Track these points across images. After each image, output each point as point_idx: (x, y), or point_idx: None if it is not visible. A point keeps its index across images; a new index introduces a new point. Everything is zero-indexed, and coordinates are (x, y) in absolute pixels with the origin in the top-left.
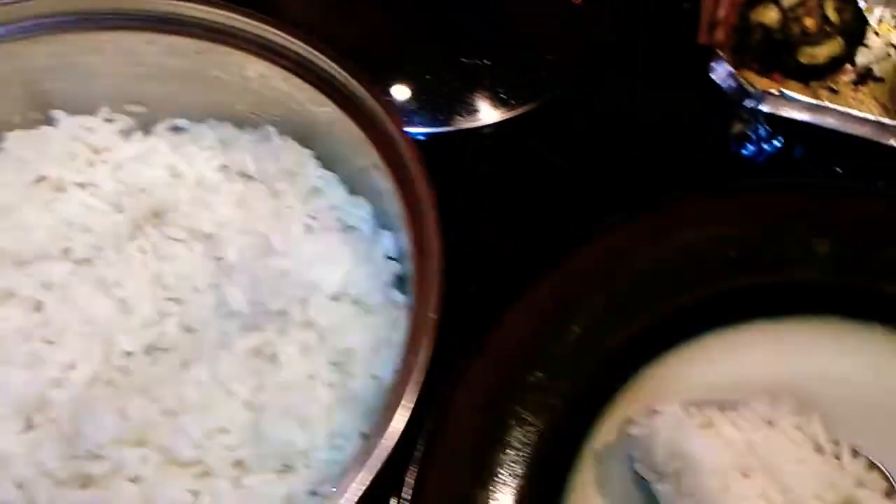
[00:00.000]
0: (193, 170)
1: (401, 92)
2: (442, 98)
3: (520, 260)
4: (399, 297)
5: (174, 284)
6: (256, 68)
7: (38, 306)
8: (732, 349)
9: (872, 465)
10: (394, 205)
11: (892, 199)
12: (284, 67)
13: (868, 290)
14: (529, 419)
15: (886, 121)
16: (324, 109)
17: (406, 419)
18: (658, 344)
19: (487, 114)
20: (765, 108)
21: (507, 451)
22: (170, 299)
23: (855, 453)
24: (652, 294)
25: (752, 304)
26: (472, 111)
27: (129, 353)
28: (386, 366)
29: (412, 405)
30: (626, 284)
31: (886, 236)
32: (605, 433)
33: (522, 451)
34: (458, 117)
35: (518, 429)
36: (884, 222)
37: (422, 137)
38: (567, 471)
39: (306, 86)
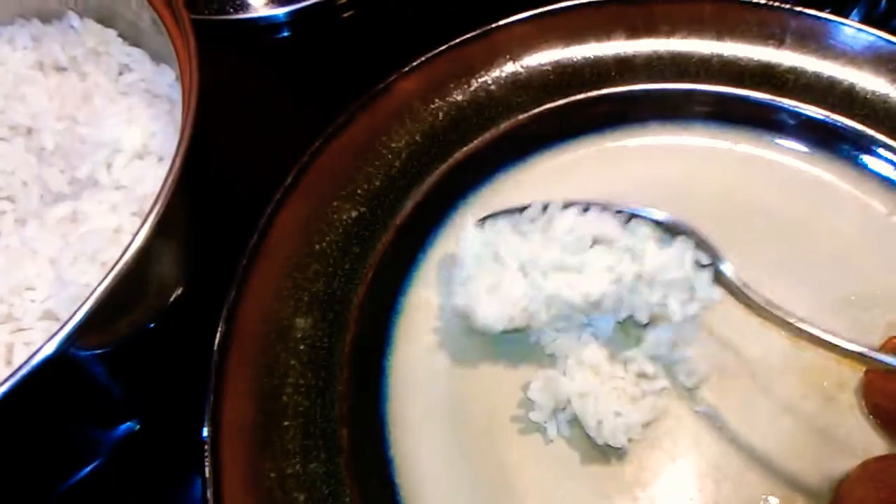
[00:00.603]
0: (9, 69)
1: None
2: None
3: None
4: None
5: (3, 184)
6: None
7: None
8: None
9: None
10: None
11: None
12: None
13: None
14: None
15: None
16: None
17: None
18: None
19: None
20: None
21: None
22: (2, 198)
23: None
24: (472, 123)
25: (574, 122)
26: None
27: None
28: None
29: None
30: (445, 116)
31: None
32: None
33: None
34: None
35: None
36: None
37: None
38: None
39: None
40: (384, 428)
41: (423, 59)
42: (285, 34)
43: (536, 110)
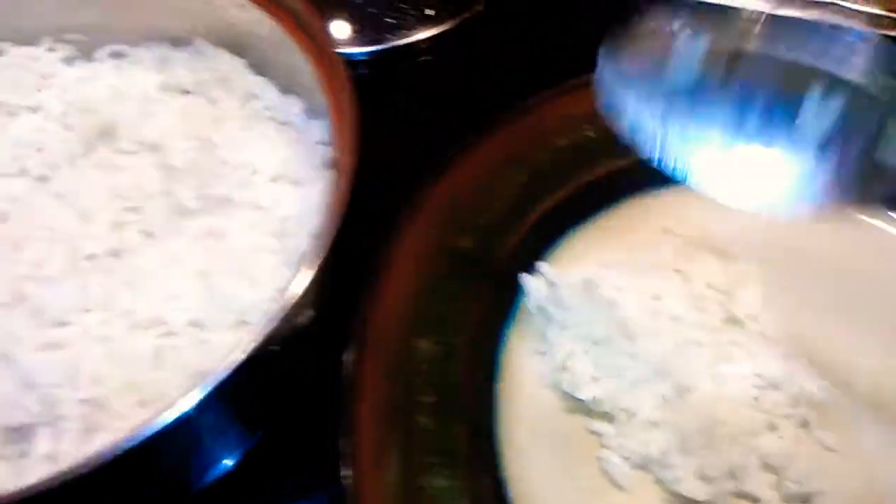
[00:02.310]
0: (135, 90)
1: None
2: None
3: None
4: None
5: (129, 194)
6: None
7: (1, 218)
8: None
9: None
10: (318, 94)
11: None
12: None
13: None
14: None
15: None
16: (249, 15)
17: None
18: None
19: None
20: None
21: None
22: (127, 209)
23: None
24: (573, 165)
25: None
26: (398, 29)
27: (92, 256)
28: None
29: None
30: (548, 155)
31: None
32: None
33: (454, 310)
34: (388, 35)
35: (451, 285)
36: None
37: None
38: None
39: None
40: (497, 450)
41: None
42: (362, 71)
43: None
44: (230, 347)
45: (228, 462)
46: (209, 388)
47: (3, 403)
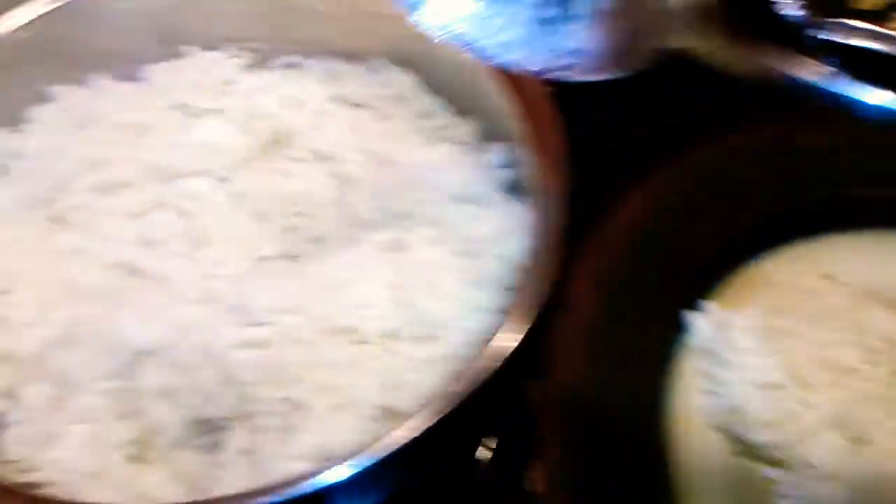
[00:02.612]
0: (308, 100)
1: None
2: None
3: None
4: (514, 198)
5: (302, 200)
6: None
7: (183, 215)
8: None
9: None
10: (503, 115)
11: None
12: None
13: None
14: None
15: None
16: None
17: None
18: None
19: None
20: (832, 37)
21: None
22: (298, 214)
23: None
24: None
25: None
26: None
27: (266, 258)
28: (512, 248)
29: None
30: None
31: None
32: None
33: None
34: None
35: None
36: None
37: None
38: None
39: None
40: (667, 489)
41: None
42: None
43: None
44: (424, 361)
45: None
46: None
47: (201, 396)
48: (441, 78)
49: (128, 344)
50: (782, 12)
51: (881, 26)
